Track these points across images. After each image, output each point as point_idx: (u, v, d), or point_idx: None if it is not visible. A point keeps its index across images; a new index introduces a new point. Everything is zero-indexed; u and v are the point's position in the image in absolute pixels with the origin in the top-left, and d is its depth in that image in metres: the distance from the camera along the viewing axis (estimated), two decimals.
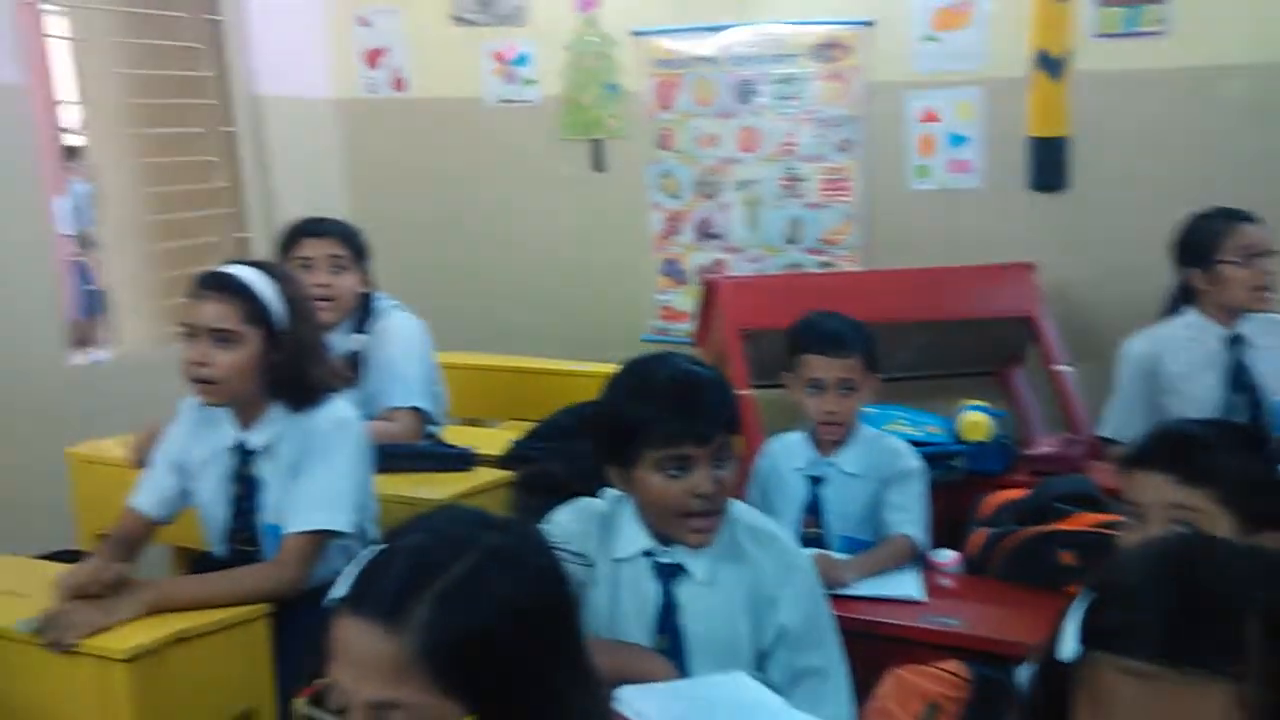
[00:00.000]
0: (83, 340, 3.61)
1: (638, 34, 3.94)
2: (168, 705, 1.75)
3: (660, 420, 1.56)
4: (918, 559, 2.21)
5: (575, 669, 0.98)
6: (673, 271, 4.05)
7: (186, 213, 3.78)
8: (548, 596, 0.97)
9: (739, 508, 1.71)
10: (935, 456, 2.47)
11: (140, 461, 2.28)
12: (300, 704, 0.92)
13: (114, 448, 2.58)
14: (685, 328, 3.79)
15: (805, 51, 3.75)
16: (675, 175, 3.98)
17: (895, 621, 1.99)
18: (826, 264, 3.83)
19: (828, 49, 3.73)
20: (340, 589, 0.94)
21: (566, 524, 1.69)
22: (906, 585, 2.11)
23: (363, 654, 0.90)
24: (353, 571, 0.94)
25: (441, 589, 0.90)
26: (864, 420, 2.36)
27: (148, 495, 2.11)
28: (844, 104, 3.74)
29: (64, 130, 3.99)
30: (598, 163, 4.08)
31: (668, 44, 3.91)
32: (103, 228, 3.71)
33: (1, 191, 3.04)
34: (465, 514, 1.03)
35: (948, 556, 2.23)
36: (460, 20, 4.15)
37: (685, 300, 3.92)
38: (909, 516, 2.23)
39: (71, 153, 4.37)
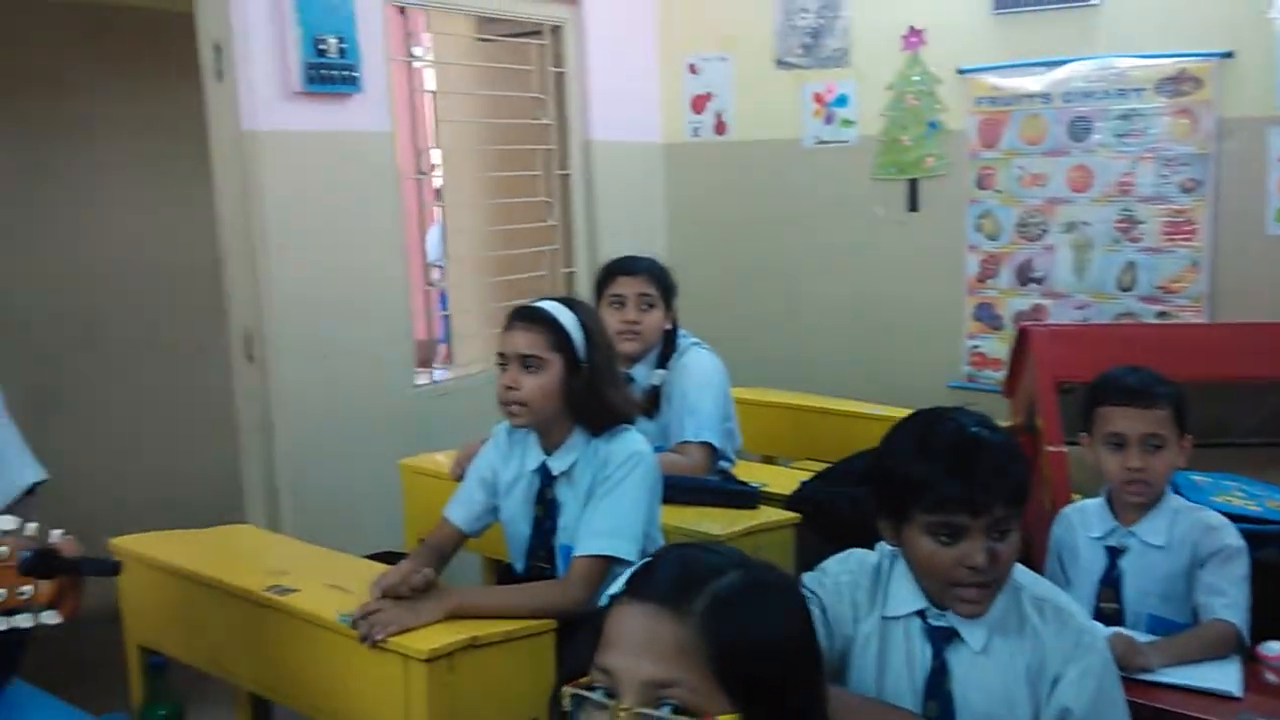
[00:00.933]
0: (425, 361, 3.99)
1: (963, 72, 3.82)
2: (460, 706, 1.88)
3: (934, 483, 1.48)
4: (1238, 649, 1.96)
5: (819, 705, 1.02)
6: (986, 316, 3.87)
7: (522, 249, 4.10)
8: (802, 625, 1.02)
9: (1026, 575, 1.60)
10: (1273, 536, 2.18)
11: (459, 476, 2.49)
12: (568, 690, 0.96)
13: (441, 461, 2.83)
14: (996, 376, 3.61)
15: (1151, 86, 3.48)
16: (995, 216, 3.81)
17: (1206, 718, 1.77)
18: (1164, 314, 3.51)
19: (1177, 82, 3.44)
20: (616, 588, 1.01)
21: (837, 574, 1.66)
22: (1225, 678, 1.87)
23: (645, 634, 0.95)
24: (627, 574, 1.02)
25: (716, 591, 0.96)
26: (1189, 489, 2.13)
27: (460, 509, 2.30)
28: (1192, 141, 3.42)
29: (425, 173, 4.45)
30: (913, 203, 3.99)
31: (995, 80, 3.76)
32: (451, 261, 4.11)
33: (370, 226, 3.43)
34: (735, 550, 1.08)
35: (1277, 650, 1.96)
36: (784, 64, 4.22)
37: (998, 347, 3.74)
38: (1229, 601, 1.98)
39: (435, 193, 4.88)
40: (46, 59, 3.77)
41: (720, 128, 4.42)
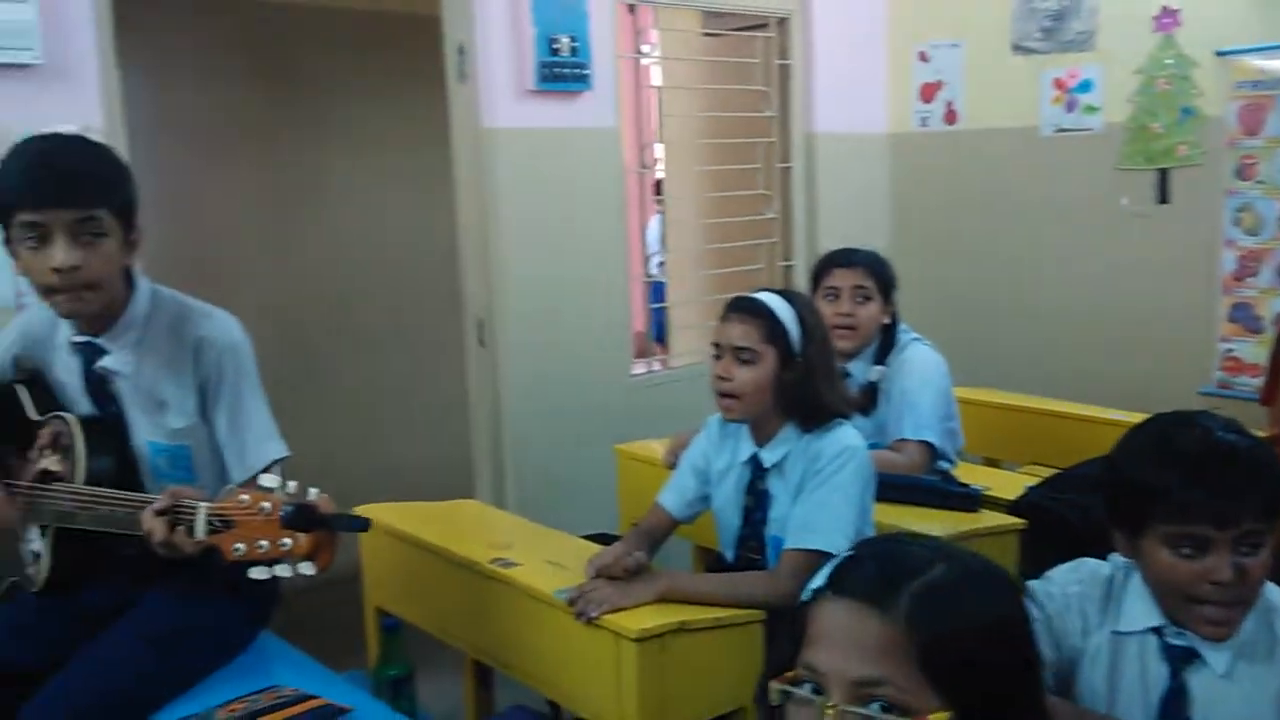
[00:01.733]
0: (642, 352, 4.08)
1: (1223, 54, 3.53)
2: (669, 688, 1.92)
3: (1176, 492, 1.38)
4: None
5: (1038, 707, 0.99)
6: (1244, 318, 3.56)
7: (739, 242, 4.11)
8: (1014, 617, 0.99)
9: (1277, 594, 1.48)
10: None
11: (672, 464, 2.53)
12: (775, 685, 0.97)
13: (655, 448, 2.89)
14: (1253, 383, 3.32)
15: None
16: (1256, 209, 3.50)
17: None
18: None
19: None
20: (817, 582, 1.00)
21: (1065, 584, 1.57)
22: None
23: (850, 632, 0.94)
24: (828, 569, 1.00)
25: (921, 585, 0.94)
26: None
27: (672, 495, 2.33)
28: None
29: (647, 167, 4.54)
30: (1163, 194, 3.72)
31: (1259, 63, 3.45)
32: (670, 253, 4.17)
33: (595, 220, 3.54)
34: (941, 540, 1.06)
35: None
36: (1022, 49, 4.03)
37: (1256, 351, 3.43)
38: None
39: (656, 187, 4.98)
40: (306, 62, 4.09)
41: (950, 117, 4.27)
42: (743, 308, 2.16)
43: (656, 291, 4.19)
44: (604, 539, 2.41)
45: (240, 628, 1.95)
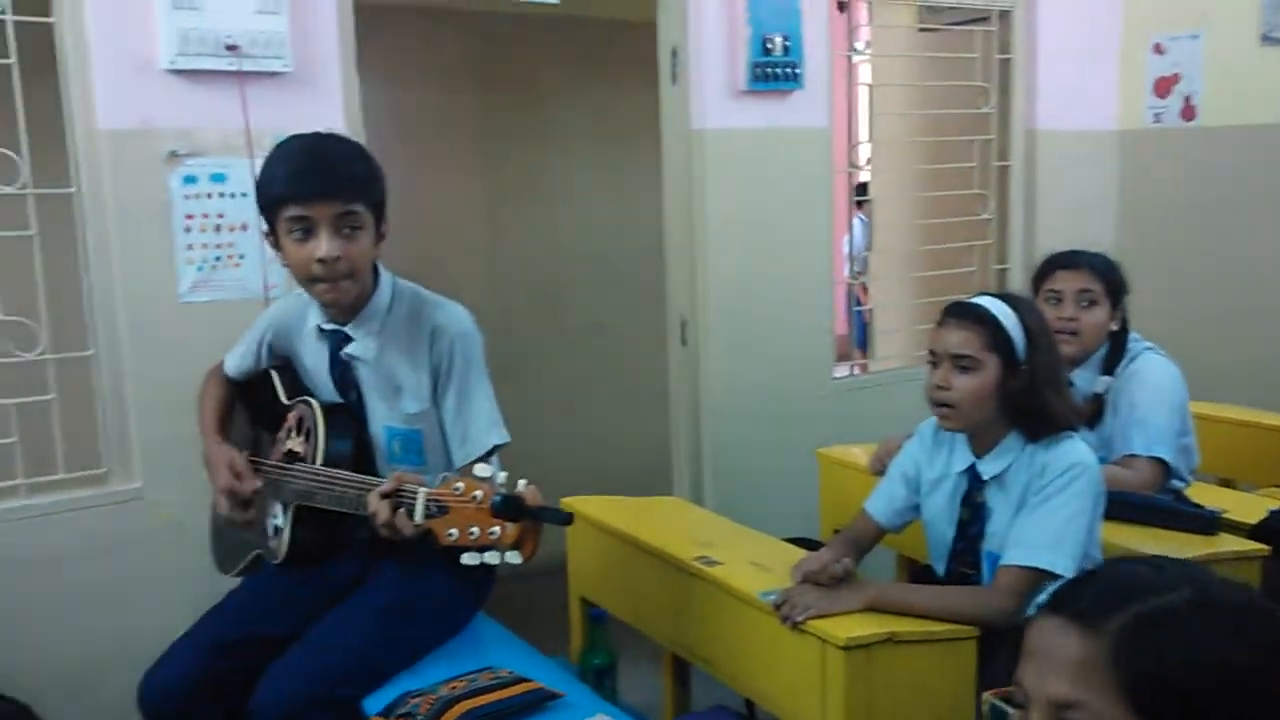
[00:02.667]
0: (844, 356, 4.00)
1: None
2: (877, 699, 1.87)
3: None
4: None
5: None
6: None
7: (950, 243, 3.97)
8: (1265, 662, 0.86)
9: None
10: None
11: (878, 470, 2.47)
12: (988, 697, 0.95)
13: (858, 454, 2.83)
14: None
15: None
16: None
17: None
18: None
19: None
20: (1043, 597, 0.96)
21: None
22: None
23: (1053, 651, 0.90)
24: (1054, 586, 0.97)
25: (1143, 610, 0.87)
26: None
27: (881, 503, 2.28)
28: None
29: (857, 167, 4.45)
30: None
31: None
32: (875, 255, 4.07)
33: (800, 221, 3.50)
34: (1200, 567, 0.97)
35: None
36: (1272, 40, 3.73)
37: None
38: None
39: (861, 188, 4.88)
40: (524, 67, 4.23)
41: (1188, 112, 3.99)
42: (961, 313, 2.08)
43: (859, 295, 4.11)
44: (807, 544, 2.38)
45: (462, 607, 2.04)
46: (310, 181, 1.85)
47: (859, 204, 4.93)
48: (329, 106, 2.74)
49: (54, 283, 2.65)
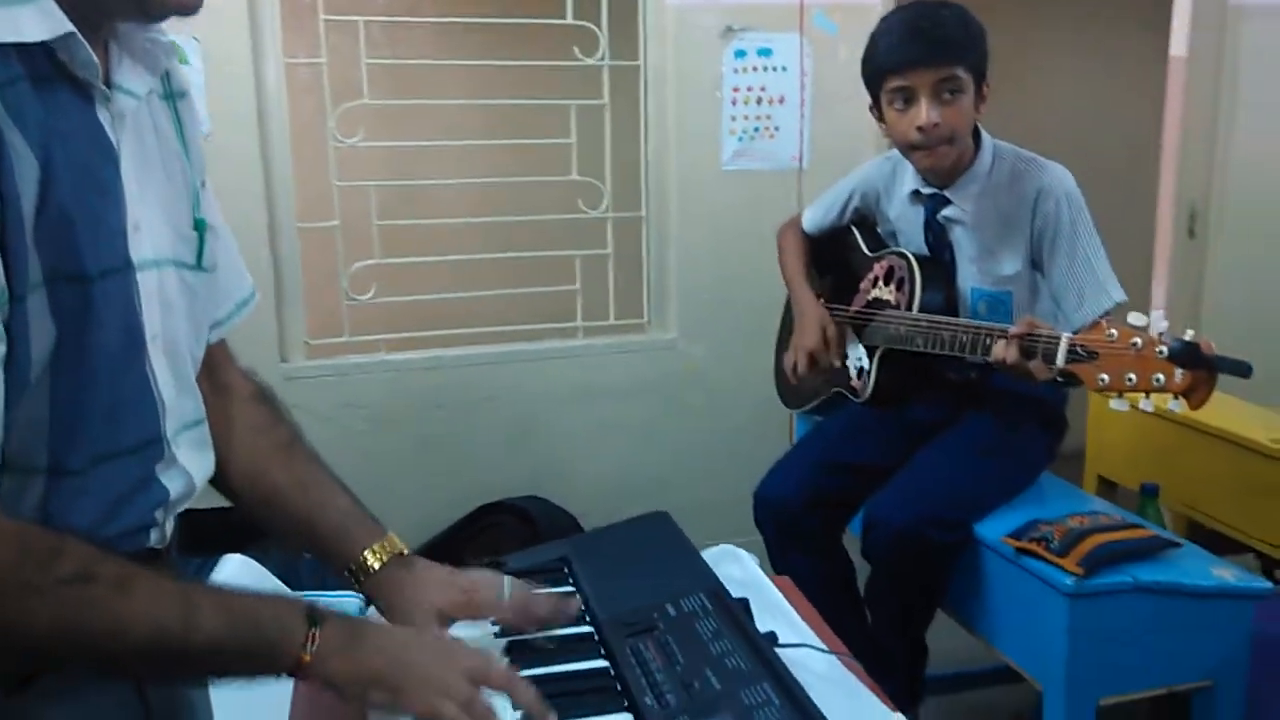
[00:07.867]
0: None
1: None
2: None
3: None
4: None
5: None
6: None
7: None
8: None
9: None
10: None
11: None
12: None
13: None
14: None
15: None
16: None
17: None
18: None
19: None
20: None
21: None
22: None
23: None
24: None
25: None
26: None
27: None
28: None
29: None
30: None
31: None
32: None
33: None
34: None
35: None
36: None
37: None
38: None
39: None
40: None
41: None
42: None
43: None
44: None
45: (1042, 458, 2.10)
46: (908, 50, 1.91)
47: None
48: None
49: (619, 149, 2.95)
